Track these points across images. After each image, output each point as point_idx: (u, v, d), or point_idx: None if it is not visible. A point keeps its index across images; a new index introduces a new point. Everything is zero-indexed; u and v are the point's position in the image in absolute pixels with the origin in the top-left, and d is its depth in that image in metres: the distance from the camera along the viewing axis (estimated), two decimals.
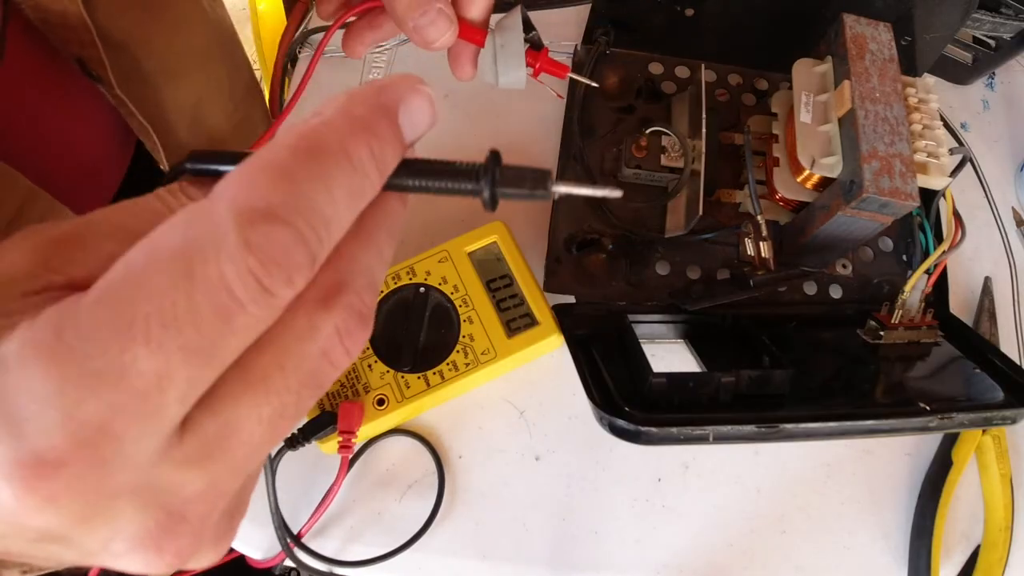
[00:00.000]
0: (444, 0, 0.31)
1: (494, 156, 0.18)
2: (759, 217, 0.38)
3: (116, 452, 0.13)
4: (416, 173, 0.17)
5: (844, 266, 0.42)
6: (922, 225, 0.41)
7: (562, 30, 0.40)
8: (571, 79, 0.40)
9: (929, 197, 0.40)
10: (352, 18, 0.35)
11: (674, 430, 0.30)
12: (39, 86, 0.35)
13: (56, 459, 0.12)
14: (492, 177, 0.17)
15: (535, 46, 0.34)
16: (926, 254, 0.40)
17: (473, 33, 0.33)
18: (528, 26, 0.33)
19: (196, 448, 0.14)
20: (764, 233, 0.38)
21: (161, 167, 0.44)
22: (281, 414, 0.15)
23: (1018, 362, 0.37)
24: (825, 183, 0.37)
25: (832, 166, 0.36)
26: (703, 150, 0.39)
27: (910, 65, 0.44)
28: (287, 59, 0.48)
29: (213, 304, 0.13)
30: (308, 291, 0.15)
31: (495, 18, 0.33)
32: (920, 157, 0.36)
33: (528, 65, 0.34)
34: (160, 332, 0.13)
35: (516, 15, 0.33)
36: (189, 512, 0.15)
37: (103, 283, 0.13)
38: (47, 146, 0.33)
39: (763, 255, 0.39)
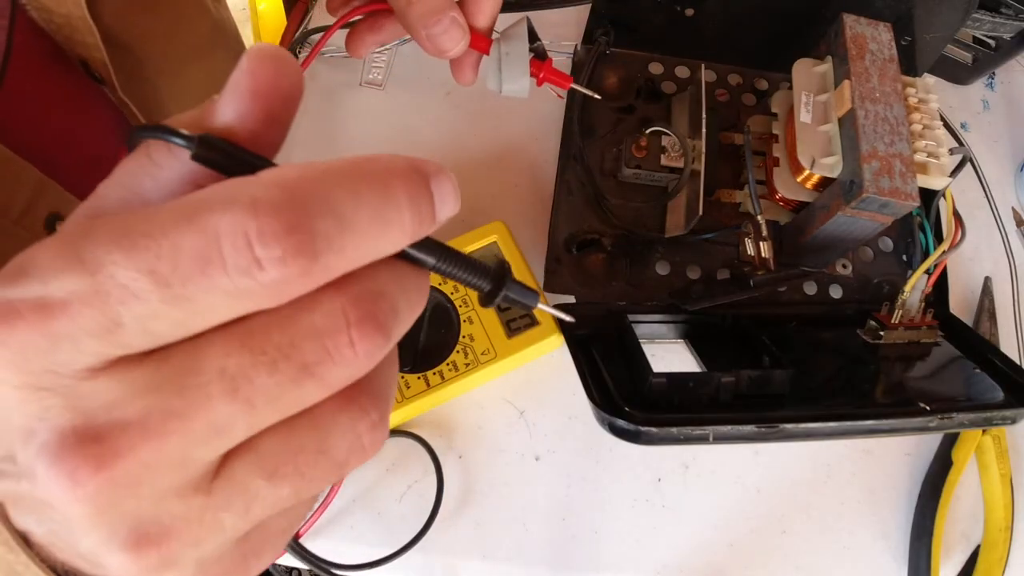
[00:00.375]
0: (457, 9, 0.31)
1: (506, 269, 0.19)
2: (759, 217, 0.38)
3: (67, 331, 0.13)
4: (437, 251, 0.18)
5: (844, 266, 0.42)
6: (922, 225, 0.41)
7: (562, 30, 0.40)
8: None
9: (929, 197, 0.40)
10: (358, 17, 0.35)
11: (674, 430, 0.30)
12: (45, 84, 0.35)
13: (17, 310, 0.13)
14: (499, 286, 0.19)
15: (539, 56, 0.34)
16: (926, 254, 0.40)
17: (479, 41, 0.33)
18: (533, 36, 0.33)
19: (149, 375, 0.14)
20: (764, 233, 0.38)
21: None
22: (247, 375, 0.14)
23: (1018, 362, 0.37)
24: (825, 183, 0.37)
25: (832, 166, 0.36)
26: (703, 150, 0.39)
27: (910, 65, 0.44)
28: None
29: (196, 248, 0.13)
30: (324, 288, 0.14)
31: (500, 24, 0.34)
32: (920, 157, 0.36)
33: (532, 75, 0.34)
34: (142, 251, 0.13)
35: (522, 24, 0.34)
36: (105, 434, 0.14)
37: (139, 210, 0.14)
38: (51, 143, 0.33)
39: (763, 255, 0.39)
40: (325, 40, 0.36)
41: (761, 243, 0.39)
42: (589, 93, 0.36)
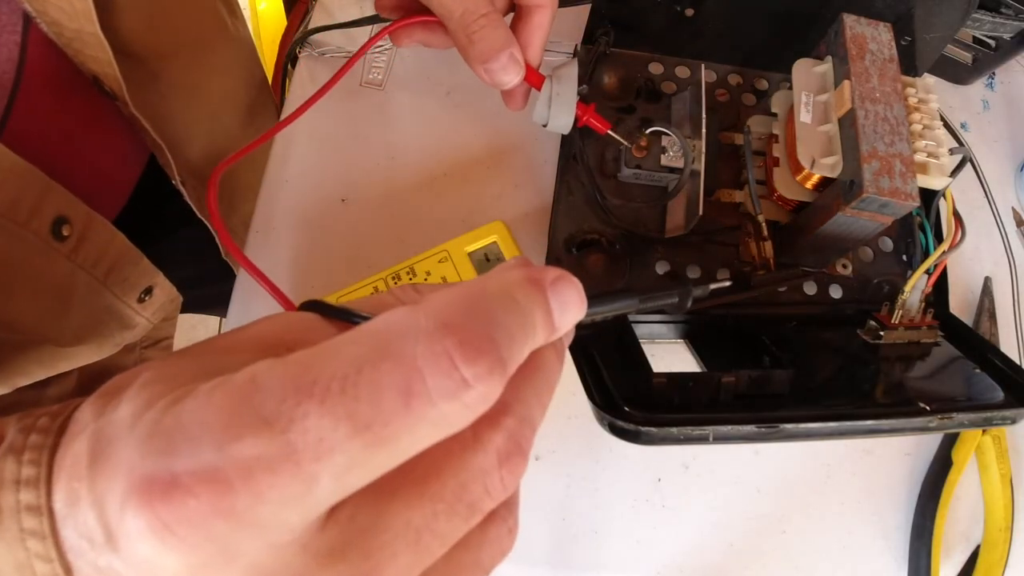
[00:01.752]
0: (515, 45, 0.35)
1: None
2: (759, 217, 0.38)
3: (249, 507, 0.12)
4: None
5: (844, 266, 0.42)
6: (922, 225, 0.41)
7: (562, 30, 0.40)
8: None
9: (929, 197, 0.40)
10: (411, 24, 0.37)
11: (674, 430, 0.30)
12: (56, 98, 0.35)
13: (187, 485, 0.12)
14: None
15: (584, 99, 0.38)
16: (926, 254, 0.40)
17: (533, 76, 0.37)
18: (580, 80, 0.38)
19: (336, 540, 0.13)
20: (764, 233, 0.38)
21: (173, 182, 0.44)
22: (429, 527, 0.14)
23: (1018, 362, 0.37)
24: (825, 183, 0.37)
25: (832, 166, 0.36)
26: (703, 150, 0.39)
27: (910, 65, 0.44)
28: (287, 59, 0.48)
29: (396, 382, 0.12)
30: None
31: (550, 62, 0.38)
32: (920, 157, 0.36)
33: (576, 115, 0.38)
34: (337, 396, 0.12)
35: (573, 67, 0.38)
36: None
37: (301, 351, 0.13)
38: (61, 156, 0.33)
39: (763, 255, 0.39)
40: (372, 43, 0.38)
41: (761, 243, 0.39)
42: (622, 141, 0.40)
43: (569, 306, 0.16)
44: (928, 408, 0.33)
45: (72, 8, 0.31)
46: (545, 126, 0.39)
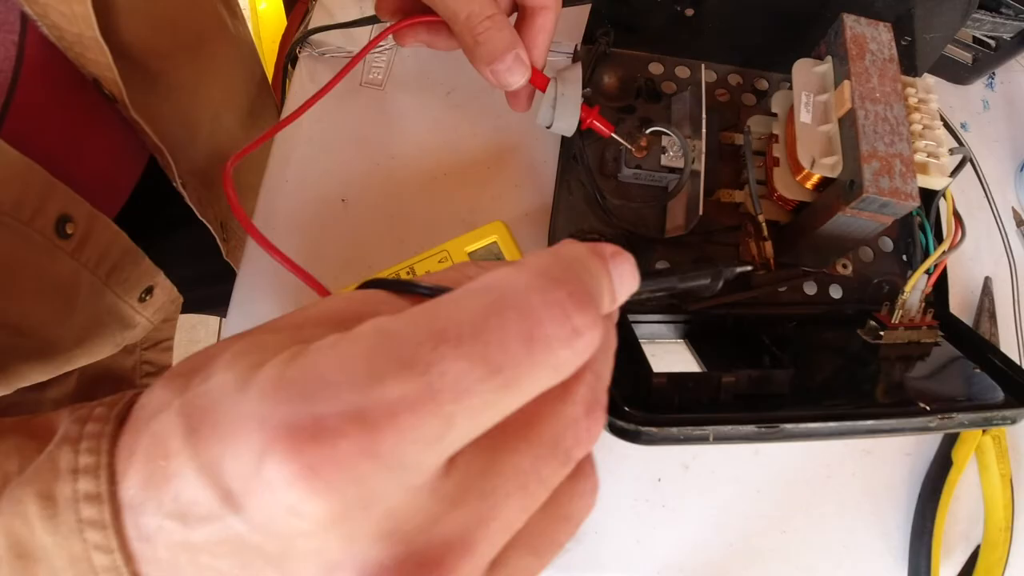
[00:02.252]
0: (521, 46, 0.35)
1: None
2: (759, 217, 0.38)
3: (393, 447, 0.13)
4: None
5: (844, 266, 0.42)
6: (922, 225, 0.41)
7: (562, 30, 0.40)
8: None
9: (929, 197, 0.40)
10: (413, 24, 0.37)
11: (674, 430, 0.30)
12: (56, 100, 0.35)
13: (334, 427, 0.12)
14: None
15: (588, 102, 0.38)
16: (926, 254, 0.40)
17: (538, 78, 0.37)
18: (583, 83, 0.38)
19: (457, 485, 0.14)
20: (764, 233, 0.38)
21: (174, 184, 0.44)
22: (534, 471, 0.15)
23: (1018, 362, 0.37)
24: (825, 183, 0.37)
25: (832, 166, 0.36)
26: (703, 150, 0.39)
27: (910, 65, 0.44)
28: (287, 59, 0.48)
29: (520, 329, 0.13)
30: None
31: (555, 65, 0.38)
32: (920, 157, 0.36)
33: (580, 117, 0.38)
34: (470, 341, 0.13)
35: (577, 69, 0.38)
36: (440, 558, 0.14)
37: (416, 307, 0.14)
38: (61, 158, 0.33)
39: (763, 255, 0.39)
40: (375, 43, 0.38)
41: (761, 243, 0.39)
42: (626, 145, 0.40)
43: (626, 278, 0.17)
44: (928, 408, 0.33)
45: (72, 12, 0.31)
46: (549, 128, 0.39)
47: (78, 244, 0.34)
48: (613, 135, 0.39)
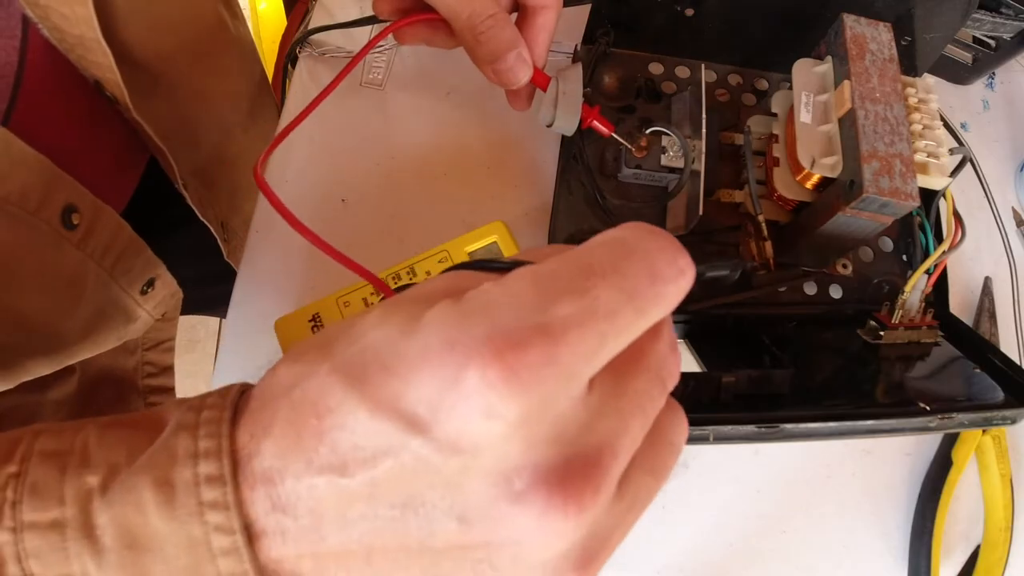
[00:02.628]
0: (523, 45, 0.35)
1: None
2: (760, 217, 0.38)
3: (567, 357, 0.15)
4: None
5: (844, 266, 0.42)
6: (922, 225, 0.41)
7: (562, 30, 0.40)
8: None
9: (929, 197, 0.40)
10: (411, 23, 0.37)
11: None
12: (58, 102, 0.35)
13: (525, 339, 0.15)
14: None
15: (588, 102, 0.38)
16: (926, 254, 0.40)
17: (540, 77, 0.37)
18: (584, 82, 0.38)
19: (598, 400, 0.17)
20: (764, 233, 0.38)
21: (176, 187, 0.44)
22: (647, 392, 0.17)
23: (1018, 362, 0.37)
24: (825, 183, 0.37)
25: (832, 166, 0.36)
26: (703, 150, 0.39)
27: (910, 65, 0.44)
28: (287, 59, 0.48)
29: (647, 268, 0.16)
30: None
31: (555, 65, 0.38)
32: (920, 157, 0.36)
33: (580, 116, 0.38)
34: (612, 275, 0.16)
35: (578, 68, 0.38)
36: (597, 460, 0.16)
37: (551, 259, 0.16)
38: (63, 160, 0.33)
39: (763, 255, 0.39)
40: (375, 42, 0.38)
41: (761, 243, 0.39)
42: (626, 145, 0.40)
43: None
44: (928, 408, 0.33)
45: (74, 14, 0.30)
46: (550, 126, 0.39)
47: (84, 234, 0.34)
48: (613, 135, 0.39)
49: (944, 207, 0.40)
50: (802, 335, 0.40)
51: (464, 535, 0.16)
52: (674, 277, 0.16)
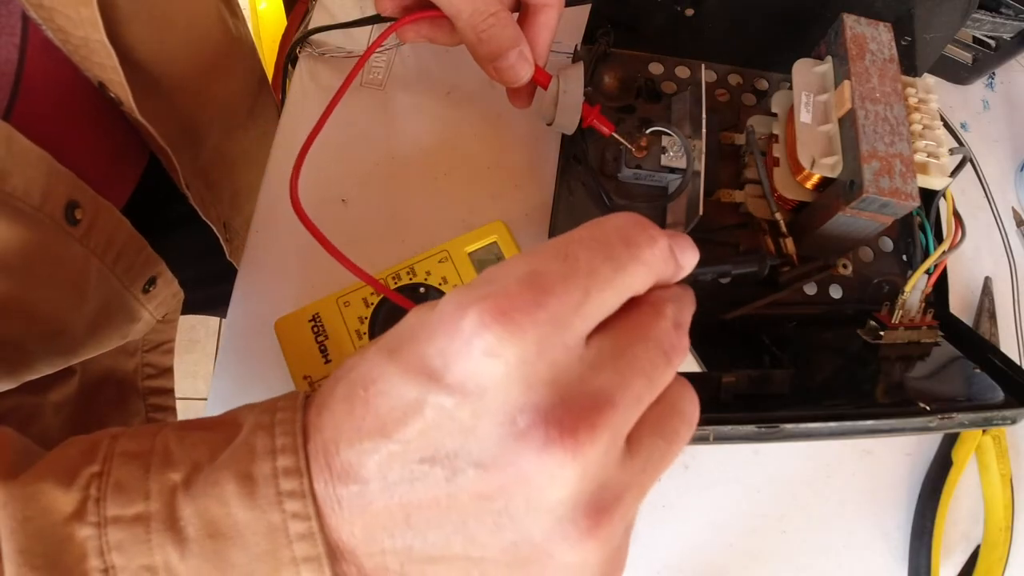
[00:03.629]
0: (524, 43, 0.35)
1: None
2: (776, 214, 0.38)
3: (554, 304, 0.17)
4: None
5: (844, 266, 0.42)
6: (922, 225, 0.41)
7: (562, 30, 0.40)
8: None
9: (929, 197, 0.40)
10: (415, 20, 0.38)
11: None
12: (61, 104, 0.35)
13: (515, 290, 0.17)
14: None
15: (588, 101, 0.38)
16: (926, 254, 0.40)
17: (541, 75, 0.37)
18: (584, 81, 0.38)
19: (595, 356, 0.18)
20: (783, 229, 0.38)
21: (180, 188, 0.44)
22: (648, 358, 0.19)
23: (1018, 362, 0.37)
24: (825, 183, 0.37)
25: (832, 166, 0.36)
26: (703, 150, 0.39)
27: (910, 65, 0.44)
28: (287, 59, 0.48)
29: (622, 237, 0.19)
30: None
31: (555, 65, 0.38)
32: (920, 157, 0.36)
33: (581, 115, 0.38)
34: (589, 242, 0.18)
35: (579, 67, 0.38)
36: (593, 404, 0.17)
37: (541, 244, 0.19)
38: (61, 154, 0.33)
39: (785, 251, 0.38)
40: (380, 41, 0.38)
41: (781, 240, 0.38)
42: (627, 144, 0.40)
43: (686, 248, 0.21)
44: (928, 408, 0.33)
45: (78, 16, 0.30)
46: (550, 125, 0.38)
47: (86, 230, 0.34)
48: (613, 134, 0.39)
49: (944, 207, 0.40)
50: (802, 335, 0.40)
51: (482, 481, 0.17)
52: (647, 241, 0.19)
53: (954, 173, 0.38)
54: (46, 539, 0.19)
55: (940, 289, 0.41)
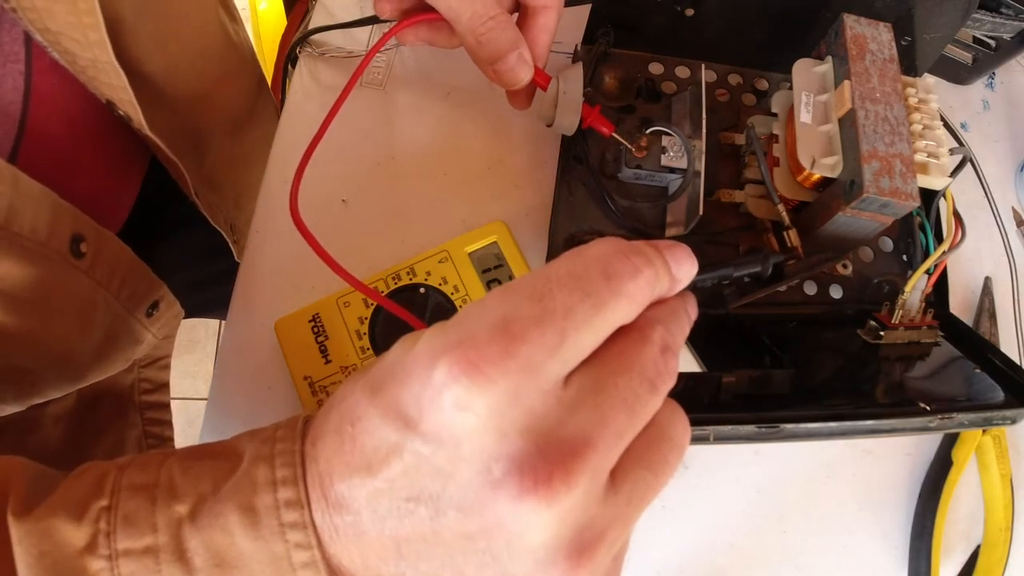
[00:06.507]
0: (524, 45, 0.35)
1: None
2: (779, 206, 0.38)
3: (527, 352, 0.17)
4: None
5: (844, 266, 0.42)
6: (922, 225, 0.41)
7: (562, 30, 0.40)
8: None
9: (929, 197, 0.40)
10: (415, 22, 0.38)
11: None
12: (69, 125, 0.35)
13: (485, 338, 0.17)
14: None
15: (588, 101, 0.38)
16: (926, 254, 0.40)
17: (541, 77, 0.37)
18: (584, 82, 0.38)
19: (574, 395, 0.18)
20: (787, 222, 0.38)
21: (189, 197, 0.44)
22: (632, 390, 0.18)
23: (1018, 362, 0.37)
24: (825, 183, 0.37)
25: (832, 166, 0.36)
26: (703, 150, 0.39)
27: (910, 65, 0.44)
28: (287, 59, 0.48)
29: (601, 271, 0.18)
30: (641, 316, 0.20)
31: (555, 65, 0.38)
32: (920, 157, 0.36)
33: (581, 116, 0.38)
34: (567, 280, 0.18)
35: (578, 68, 0.38)
36: (571, 448, 0.17)
37: (526, 273, 0.20)
38: (77, 184, 0.33)
39: (791, 243, 0.38)
40: (381, 44, 0.38)
41: (786, 233, 0.38)
42: (627, 144, 0.40)
43: (682, 261, 0.20)
44: (928, 408, 0.33)
45: (86, 39, 0.30)
46: (550, 126, 0.38)
47: (92, 262, 0.34)
48: (613, 134, 0.39)
49: (944, 207, 0.40)
50: (802, 335, 0.40)
51: (464, 523, 0.18)
52: (630, 273, 0.18)
53: (954, 173, 0.38)
54: (61, 572, 0.19)
55: (940, 289, 0.41)
